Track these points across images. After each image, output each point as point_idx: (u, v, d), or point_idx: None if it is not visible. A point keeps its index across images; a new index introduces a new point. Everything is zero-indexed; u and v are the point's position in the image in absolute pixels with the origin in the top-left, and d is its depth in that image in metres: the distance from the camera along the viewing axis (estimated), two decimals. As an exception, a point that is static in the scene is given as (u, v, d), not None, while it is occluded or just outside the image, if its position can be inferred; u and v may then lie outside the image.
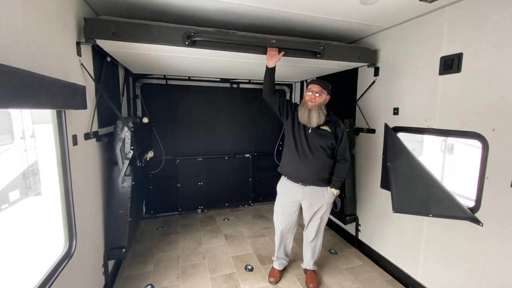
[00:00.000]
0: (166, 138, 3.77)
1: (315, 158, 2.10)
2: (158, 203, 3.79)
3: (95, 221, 2.01)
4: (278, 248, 2.42)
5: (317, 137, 2.10)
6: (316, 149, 2.10)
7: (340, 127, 2.14)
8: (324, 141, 2.09)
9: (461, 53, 1.82)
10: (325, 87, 2.14)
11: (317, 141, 2.09)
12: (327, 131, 2.11)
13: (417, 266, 2.21)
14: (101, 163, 2.15)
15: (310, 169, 2.11)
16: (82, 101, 1.57)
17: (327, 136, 2.10)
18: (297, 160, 2.13)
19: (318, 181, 2.13)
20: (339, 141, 2.12)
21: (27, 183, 5.21)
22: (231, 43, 2.01)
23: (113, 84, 2.70)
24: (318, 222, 2.25)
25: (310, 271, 2.37)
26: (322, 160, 2.11)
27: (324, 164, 2.12)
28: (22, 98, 0.96)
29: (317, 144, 2.09)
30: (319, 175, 2.13)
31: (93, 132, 1.96)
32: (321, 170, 2.13)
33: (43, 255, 2.79)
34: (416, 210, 2.08)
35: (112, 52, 2.15)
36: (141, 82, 3.59)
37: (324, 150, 2.10)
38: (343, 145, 2.13)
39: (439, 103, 1.99)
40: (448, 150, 4.27)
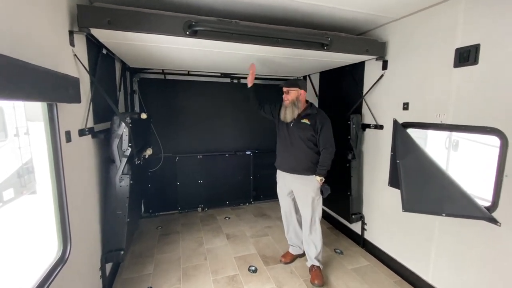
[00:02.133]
0: (165, 135, 3.65)
1: (296, 148, 2.29)
2: (157, 201, 3.68)
3: (91, 223, 1.91)
4: (287, 230, 2.62)
5: (297, 130, 2.28)
6: (296, 141, 2.29)
7: (319, 118, 2.25)
8: (304, 133, 2.25)
9: (478, 44, 1.72)
10: (291, 84, 2.30)
11: (297, 133, 2.27)
12: (306, 124, 2.26)
13: (427, 267, 2.14)
14: (97, 161, 2.03)
15: (292, 158, 2.32)
16: (75, 94, 1.45)
17: (306, 129, 2.25)
18: (282, 151, 2.40)
19: (302, 170, 2.28)
20: (319, 132, 2.23)
21: (21, 181, 5.07)
22: (234, 33, 1.89)
23: (110, 78, 2.58)
24: (310, 211, 2.30)
25: (315, 268, 2.31)
26: (303, 150, 2.27)
27: (305, 154, 2.27)
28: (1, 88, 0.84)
29: (297, 136, 2.28)
30: (302, 164, 2.28)
31: (88, 128, 1.84)
32: (303, 159, 2.28)
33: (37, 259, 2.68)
34: (428, 209, 2.00)
35: (108, 43, 2.02)
36: (138, 77, 3.46)
37: (304, 141, 2.26)
38: (323, 135, 2.24)
39: (454, 97, 1.89)
40: (452, 147, 4.20)
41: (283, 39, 2.02)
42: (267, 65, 2.97)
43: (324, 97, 3.57)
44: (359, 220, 2.84)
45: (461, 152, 4.15)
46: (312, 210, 2.30)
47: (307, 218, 2.34)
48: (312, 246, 2.34)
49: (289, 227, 2.58)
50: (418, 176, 2.09)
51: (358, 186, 2.81)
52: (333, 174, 2.87)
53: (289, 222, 2.56)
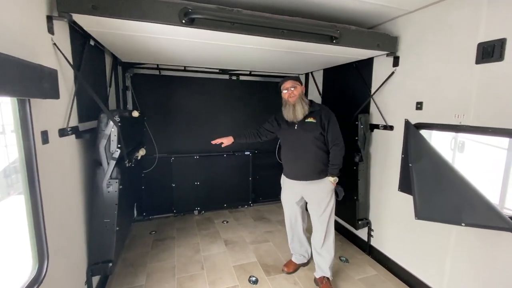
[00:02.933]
0: (159, 134, 3.45)
1: (306, 152, 2.08)
2: (151, 204, 3.49)
3: (74, 233, 1.71)
4: (291, 240, 2.41)
5: (304, 131, 2.07)
6: (304, 143, 2.08)
7: (324, 114, 2.08)
8: (312, 133, 2.06)
9: (505, 39, 1.56)
10: (295, 79, 2.11)
11: (305, 134, 2.07)
12: (313, 122, 2.07)
13: (441, 278, 1.99)
14: (81, 164, 1.84)
15: (304, 164, 2.09)
16: (52, 89, 1.26)
17: (313, 128, 2.06)
18: (291, 158, 2.17)
19: (314, 174, 2.09)
20: (326, 128, 2.05)
21: (8, 181, 4.84)
22: (235, 23, 1.71)
23: (99, 72, 2.37)
24: (326, 217, 2.12)
25: (326, 280, 2.13)
26: (314, 152, 2.07)
27: (317, 156, 2.07)
28: None
29: (305, 138, 2.07)
30: (315, 168, 2.08)
31: (71, 128, 1.65)
32: (315, 163, 2.08)
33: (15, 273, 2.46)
34: (444, 218, 1.84)
35: (94, 32, 1.82)
36: (131, 72, 3.25)
37: (314, 142, 2.06)
38: (331, 131, 2.06)
39: (475, 97, 1.73)
40: (458, 148, 4.07)
41: (289, 30, 1.83)
42: (268, 61, 2.78)
43: (328, 95, 3.40)
44: (365, 226, 2.68)
45: (467, 154, 4.02)
46: (328, 217, 2.12)
47: (320, 227, 2.13)
48: (326, 257, 2.16)
49: (293, 237, 2.38)
50: (433, 181, 1.93)
51: (365, 190, 2.65)
52: (340, 177, 2.72)
53: (294, 231, 2.36)
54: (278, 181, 4.31)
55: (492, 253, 1.68)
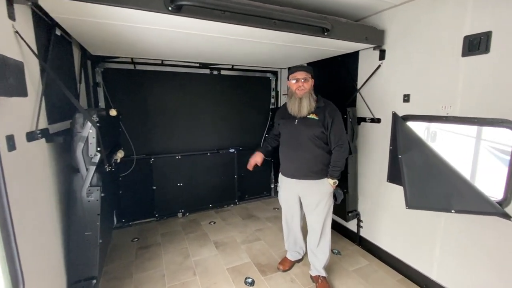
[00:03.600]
0: (136, 134, 3.20)
1: (304, 150, 1.98)
2: (130, 209, 3.24)
3: (50, 251, 1.50)
4: (287, 238, 2.37)
5: (304, 127, 1.97)
6: (304, 141, 1.97)
7: (330, 112, 1.97)
8: (312, 131, 1.95)
9: (490, 32, 1.62)
10: (309, 71, 2.00)
11: (304, 131, 1.96)
12: (314, 119, 1.96)
13: (432, 264, 2.07)
14: (55, 171, 1.61)
15: (301, 162, 2.00)
16: (18, 84, 1.05)
17: (314, 125, 1.95)
18: (288, 154, 2.07)
19: (312, 174, 1.99)
20: (329, 127, 1.94)
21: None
22: (226, 11, 1.58)
23: (66, 67, 2.10)
24: (321, 218, 2.05)
25: (321, 279, 2.11)
26: (313, 151, 1.97)
27: (315, 156, 1.98)
28: None
29: (305, 135, 1.96)
30: (312, 167, 1.98)
31: (40, 130, 1.42)
32: (313, 162, 1.98)
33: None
34: (434, 206, 1.91)
35: (62, 19, 1.58)
36: (102, 67, 2.96)
37: (313, 141, 1.96)
38: (335, 130, 1.95)
39: (461, 89, 1.80)
40: (431, 138, 4.32)
41: (282, 21, 1.75)
42: (254, 55, 2.68)
43: (313, 89, 3.38)
44: (355, 218, 2.73)
45: (439, 143, 4.29)
46: (324, 219, 2.05)
47: (317, 227, 2.07)
48: (320, 257, 2.12)
49: (289, 235, 2.33)
50: (423, 171, 1.99)
51: (354, 182, 2.69)
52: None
53: (290, 229, 2.31)
54: (264, 177, 4.27)
55: (479, 237, 1.77)
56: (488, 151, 3.58)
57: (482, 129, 2.83)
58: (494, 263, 1.69)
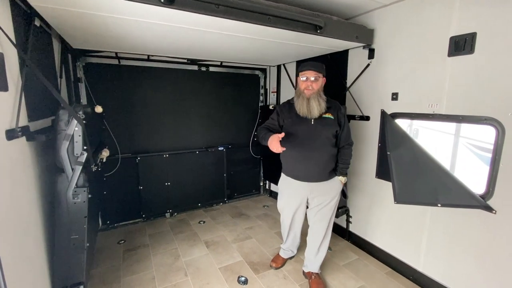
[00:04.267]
0: (121, 132, 3.08)
1: (321, 151, 1.93)
2: (115, 211, 3.12)
3: (33, 256, 1.40)
4: (286, 239, 2.33)
5: (322, 127, 1.91)
6: (321, 142, 1.92)
7: (341, 110, 1.99)
8: (330, 131, 1.92)
9: (475, 33, 1.70)
10: (320, 70, 1.90)
11: (322, 132, 1.91)
12: (331, 118, 1.92)
13: (418, 256, 2.15)
14: (37, 172, 1.51)
15: (318, 164, 1.93)
16: (-1, 78, 0.96)
17: (331, 124, 1.92)
18: (302, 156, 1.94)
19: (327, 174, 1.97)
20: (342, 126, 1.97)
21: None
22: (221, 5, 1.54)
23: (46, 61, 1.96)
24: (328, 218, 2.06)
25: (315, 275, 2.14)
26: (329, 152, 1.95)
27: (330, 156, 1.96)
28: None
29: (323, 135, 1.91)
30: (327, 168, 1.96)
31: (20, 128, 1.32)
32: (328, 163, 1.96)
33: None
34: (422, 200, 1.98)
35: (42, 8, 1.46)
36: (84, 61, 2.80)
37: (329, 140, 1.93)
38: (346, 129, 1.99)
39: (447, 87, 1.87)
40: (413, 135, 4.49)
41: (276, 17, 1.73)
42: (245, 51, 2.65)
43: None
44: (344, 214, 2.78)
45: (420, 140, 4.47)
46: (330, 217, 2.06)
47: (323, 227, 2.05)
48: (320, 255, 2.13)
49: (289, 236, 2.28)
50: (411, 167, 2.06)
51: (344, 179, 2.74)
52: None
53: (291, 230, 2.24)
54: (253, 175, 4.24)
55: (463, 230, 1.86)
56: (466, 147, 3.78)
57: (461, 127, 2.98)
58: (478, 254, 1.78)
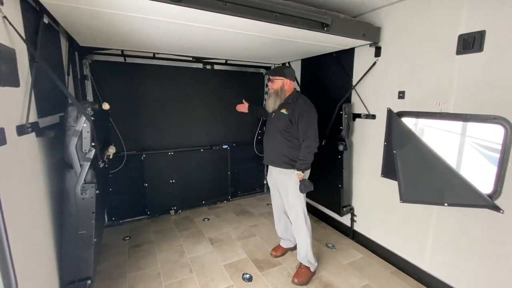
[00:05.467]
0: (126, 130, 3.10)
1: (274, 139, 2.21)
2: (121, 207, 3.14)
3: (41, 251, 1.42)
4: (277, 221, 2.51)
5: (276, 120, 2.20)
6: (274, 132, 2.20)
7: (298, 108, 2.11)
8: (280, 123, 2.15)
9: (484, 31, 1.68)
10: (275, 73, 2.19)
11: (276, 123, 2.19)
12: (284, 113, 2.15)
13: (423, 256, 2.15)
14: (45, 167, 1.52)
15: (271, 149, 2.25)
16: (11, 74, 0.98)
17: (282, 118, 2.15)
18: (265, 143, 2.34)
19: (281, 163, 2.18)
20: (295, 122, 2.09)
21: None
22: (228, 3, 1.54)
23: (54, 58, 1.98)
24: (293, 208, 2.19)
25: (300, 266, 2.22)
26: (281, 142, 2.17)
27: (282, 146, 2.16)
28: None
29: (275, 126, 2.19)
30: (280, 156, 2.18)
31: (30, 124, 1.33)
32: (280, 152, 2.17)
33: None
34: (428, 199, 1.98)
35: (52, 6, 1.47)
36: (90, 59, 2.82)
37: (281, 133, 2.15)
38: (301, 126, 2.09)
39: (455, 86, 1.85)
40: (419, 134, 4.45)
41: (283, 14, 1.72)
42: (251, 49, 2.65)
43: (308, 86, 3.39)
44: (349, 212, 2.78)
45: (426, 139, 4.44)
46: (293, 207, 2.19)
47: (291, 216, 2.25)
48: (301, 249, 2.20)
49: (280, 219, 2.49)
50: (417, 166, 2.05)
51: (349, 177, 2.73)
52: (324, 166, 2.75)
53: (280, 214, 2.47)
54: (256, 173, 4.26)
55: (470, 229, 1.84)
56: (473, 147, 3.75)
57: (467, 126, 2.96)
58: (484, 254, 1.77)
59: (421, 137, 2.07)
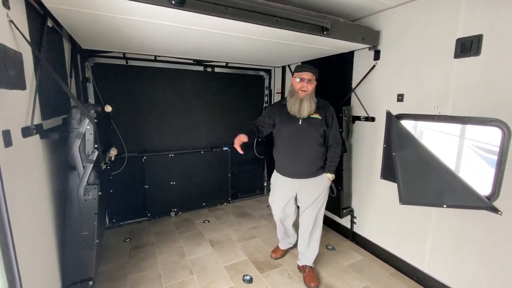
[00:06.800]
0: (127, 132, 3.11)
1: (308, 151, 2.02)
2: (121, 209, 3.15)
3: (44, 251, 1.43)
4: (279, 232, 2.46)
5: (309, 127, 2.00)
6: (308, 141, 2.01)
7: (329, 111, 2.08)
8: (317, 130, 2.01)
9: (481, 35, 1.71)
10: (315, 73, 2.02)
11: (309, 131, 2.00)
12: (318, 118, 2.02)
13: (423, 257, 2.16)
14: (49, 169, 1.54)
15: (305, 162, 2.03)
16: (18, 76, 1.00)
17: (318, 124, 2.02)
18: (289, 154, 2.05)
19: (314, 172, 2.06)
20: (330, 126, 2.05)
21: None
22: (230, 7, 1.57)
23: (57, 61, 2.01)
24: (316, 210, 2.14)
25: (309, 269, 2.19)
26: (316, 151, 2.04)
27: (318, 154, 2.05)
28: None
29: (310, 135, 2.01)
30: (315, 166, 2.05)
31: (35, 126, 1.35)
32: (316, 161, 2.05)
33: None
34: (427, 201, 1.99)
35: (56, 10, 1.50)
36: (92, 61, 2.85)
37: (316, 140, 2.02)
38: (334, 129, 2.07)
39: (454, 89, 1.88)
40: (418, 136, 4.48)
41: (284, 18, 1.75)
42: (251, 52, 2.68)
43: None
44: (348, 214, 2.79)
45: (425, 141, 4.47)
46: (318, 212, 2.15)
47: (312, 220, 2.14)
48: (312, 245, 2.21)
49: (282, 229, 2.42)
50: (416, 168, 2.06)
51: (349, 179, 2.75)
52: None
53: (284, 226, 2.38)
54: (257, 175, 4.26)
55: (469, 231, 1.86)
56: (471, 149, 3.77)
57: (466, 129, 2.98)
58: (483, 255, 1.78)
59: (420, 140, 2.08)
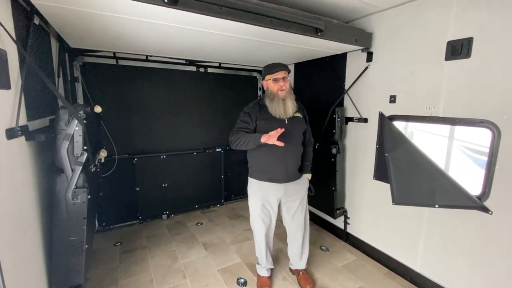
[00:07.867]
0: (118, 133, 3.04)
1: (296, 150, 1.99)
2: (112, 212, 3.08)
3: (31, 258, 1.37)
4: (265, 254, 2.10)
5: (295, 126, 1.95)
6: (296, 140, 1.97)
7: (304, 108, 2.07)
8: (301, 129, 2.00)
9: (471, 38, 1.74)
10: (287, 68, 1.91)
11: (295, 130, 1.95)
12: (300, 117, 2.01)
13: (416, 257, 2.18)
14: (36, 172, 1.48)
15: (292, 163, 1.96)
16: (2, 75, 0.95)
17: (301, 123, 2.01)
18: (280, 158, 1.89)
19: (298, 174, 2.03)
20: (307, 124, 2.06)
21: None
22: (224, 7, 1.55)
23: (44, 60, 1.93)
24: (304, 211, 2.12)
25: (302, 271, 2.17)
26: (300, 150, 2.02)
27: (300, 153, 2.03)
28: None
29: (296, 134, 1.96)
30: (297, 165, 2.02)
31: (20, 127, 1.29)
32: (299, 161, 2.03)
33: None
34: (420, 202, 2.01)
35: (43, 7, 1.44)
36: (81, 61, 2.77)
37: (300, 139, 2.01)
38: (309, 127, 2.09)
39: (445, 91, 1.91)
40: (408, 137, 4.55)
41: (278, 19, 1.74)
42: (245, 53, 2.66)
43: (301, 89, 3.42)
44: (342, 215, 2.80)
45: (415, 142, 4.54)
46: (305, 212, 2.13)
47: (300, 221, 2.07)
48: (306, 254, 2.17)
49: (267, 250, 2.11)
50: (408, 168, 2.09)
51: (342, 180, 2.76)
52: (317, 169, 2.77)
53: (268, 241, 2.10)
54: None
55: (460, 230, 1.89)
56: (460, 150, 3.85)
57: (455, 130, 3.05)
58: (474, 254, 1.82)
59: (411, 140, 2.11)
